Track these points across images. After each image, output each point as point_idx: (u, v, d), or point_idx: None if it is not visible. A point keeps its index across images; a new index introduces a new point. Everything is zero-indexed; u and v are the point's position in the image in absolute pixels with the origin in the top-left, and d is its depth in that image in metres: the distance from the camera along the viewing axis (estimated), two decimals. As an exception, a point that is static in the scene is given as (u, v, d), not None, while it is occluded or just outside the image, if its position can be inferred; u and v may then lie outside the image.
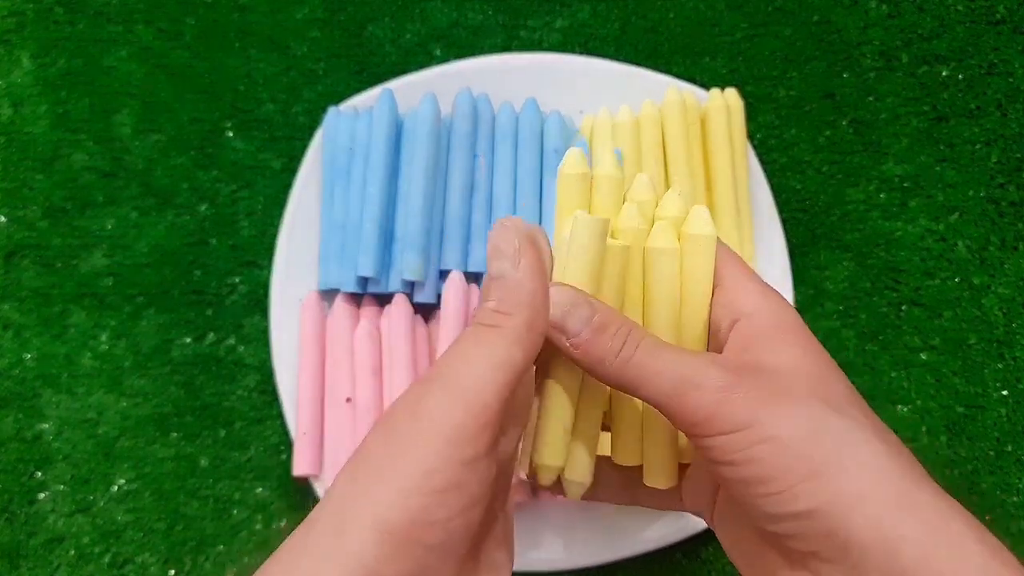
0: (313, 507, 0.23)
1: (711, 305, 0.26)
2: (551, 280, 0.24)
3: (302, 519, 0.23)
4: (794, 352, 0.24)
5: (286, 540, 0.22)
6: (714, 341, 0.26)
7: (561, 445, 0.25)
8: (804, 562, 0.22)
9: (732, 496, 0.24)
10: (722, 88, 0.48)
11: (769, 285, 0.27)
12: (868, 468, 0.21)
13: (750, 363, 0.24)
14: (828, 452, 0.22)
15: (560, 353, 0.24)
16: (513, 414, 0.23)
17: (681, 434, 0.27)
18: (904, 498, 0.21)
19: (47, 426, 0.49)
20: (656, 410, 0.24)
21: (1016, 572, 0.20)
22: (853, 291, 0.51)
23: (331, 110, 0.48)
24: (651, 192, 0.27)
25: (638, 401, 0.27)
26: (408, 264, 0.44)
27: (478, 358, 0.21)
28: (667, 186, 0.47)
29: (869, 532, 0.20)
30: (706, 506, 0.28)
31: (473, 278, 0.46)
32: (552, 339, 0.23)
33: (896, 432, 0.50)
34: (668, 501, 0.29)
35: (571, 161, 0.26)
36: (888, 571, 0.20)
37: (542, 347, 0.23)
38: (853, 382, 0.49)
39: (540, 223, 0.46)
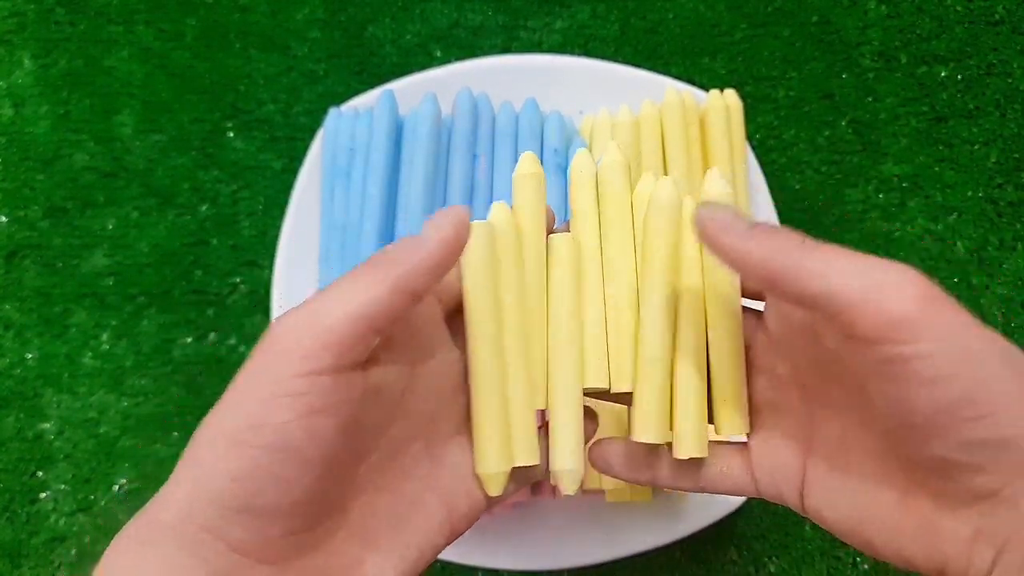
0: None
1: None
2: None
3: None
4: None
5: None
6: None
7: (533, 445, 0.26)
8: (977, 503, 0.21)
9: (906, 427, 0.21)
10: (721, 89, 0.48)
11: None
12: None
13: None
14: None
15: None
16: (392, 349, 0.24)
17: (719, 409, 0.26)
18: None
19: (48, 426, 0.49)
20: (693, 376, 0.24)
21: None
22: (852, 291, 0.51)
23: (332, 111, 0.48)
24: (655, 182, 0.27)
25: (668, 371, 0.26)
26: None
27: (342, 289, 0.22)
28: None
29: None
30: (791, 486, 0.25)
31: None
32: (721, 247, 0.23)
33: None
34: (692, 479, 0.27)
35: (526, 162, 0.27)
36: None
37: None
38: (852, 382, 0.49)
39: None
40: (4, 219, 0.51)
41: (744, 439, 0.27)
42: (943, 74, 0.54)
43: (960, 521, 0.21)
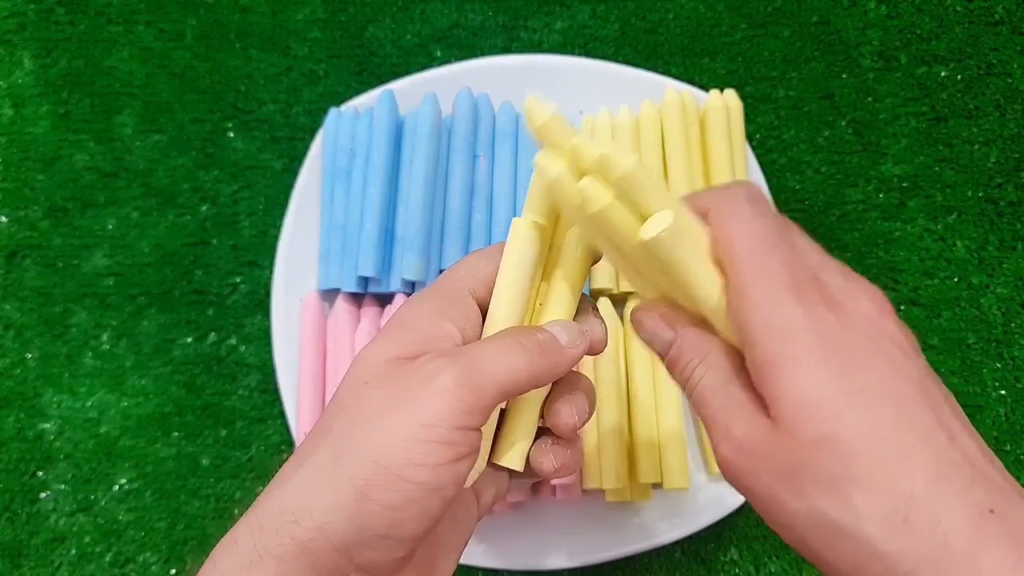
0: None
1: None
2: None
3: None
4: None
5: (283, 467, 0.25)
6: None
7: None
8: None
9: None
10: (721, 89, 0.48)
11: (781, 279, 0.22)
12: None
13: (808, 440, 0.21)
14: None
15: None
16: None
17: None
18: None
19: (49, 426, 0.49)
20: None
21: None
22: (852, 291, 0.51)
23: (332, 111, 0.48)
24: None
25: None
26: (408, 264, 0.44)
27: (503, 362, 0.25)
28: (666, 187, 0.47)
29: None
30: None
31: (473, 278, 0.46)
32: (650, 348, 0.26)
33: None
34: None
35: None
36: None
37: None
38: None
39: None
40: (4, 219, 0.51)
41: None
42: (943, 74, 0.54)
43: None
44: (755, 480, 0.22)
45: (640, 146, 0.47)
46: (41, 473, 0.48)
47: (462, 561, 0.45)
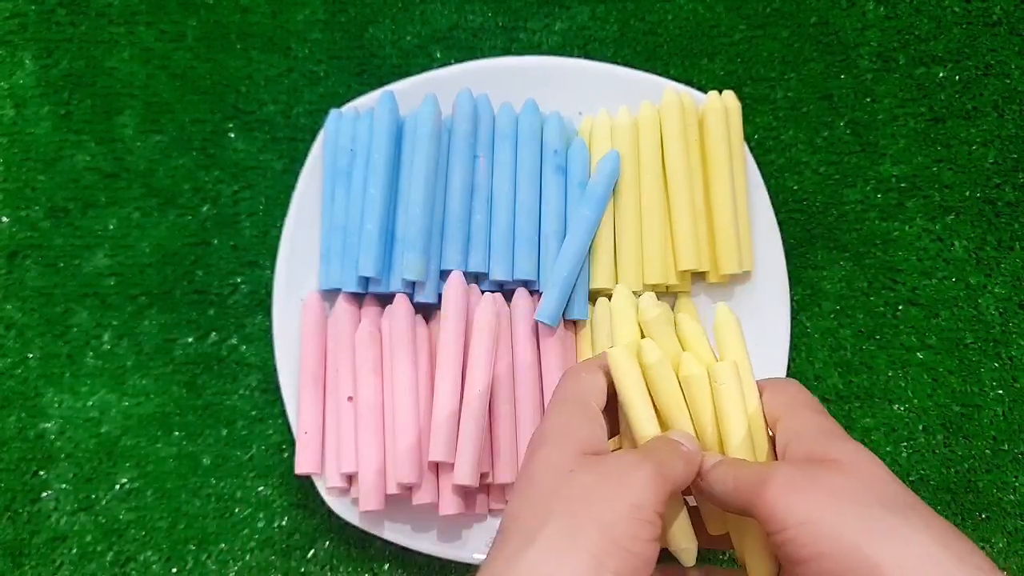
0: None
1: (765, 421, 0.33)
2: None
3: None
4: (848, 449, 0.29)
5: (497, 545, 0.29)
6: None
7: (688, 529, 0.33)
8: None
9: None
10: (720, 90, 0.49)
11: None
12: (922, 562, 0.25)
13: (814, 459, 0.29)
14: (885, 551, 0.25)
15: None
16: None
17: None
18: None
19: (50, 425, 0.49)
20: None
21: None
22: (850, 291, 0.51)
23: (332, 112, 0.48)
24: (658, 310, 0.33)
25: None
26: (409, 264, 0.44)
27: (673, 463, 0.30)
28: (666, 187, 0.47)
29: None
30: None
31: (473, 278, 0.47)
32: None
33: (893, 431, 0.50)
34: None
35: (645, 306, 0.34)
36: None
37: None
38: (850, 381, 0.50)
39: (539, 221, 0.46)
40: (6, 219, 0.51)
41: None
42: (941, 75, 0.54)
43: None
44: None
45: (639, 147, 0.47)
46: (42, 472, 0.49)
47: (462, 559, 0.45)
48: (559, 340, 0.45)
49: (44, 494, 0.48)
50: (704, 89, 0.50)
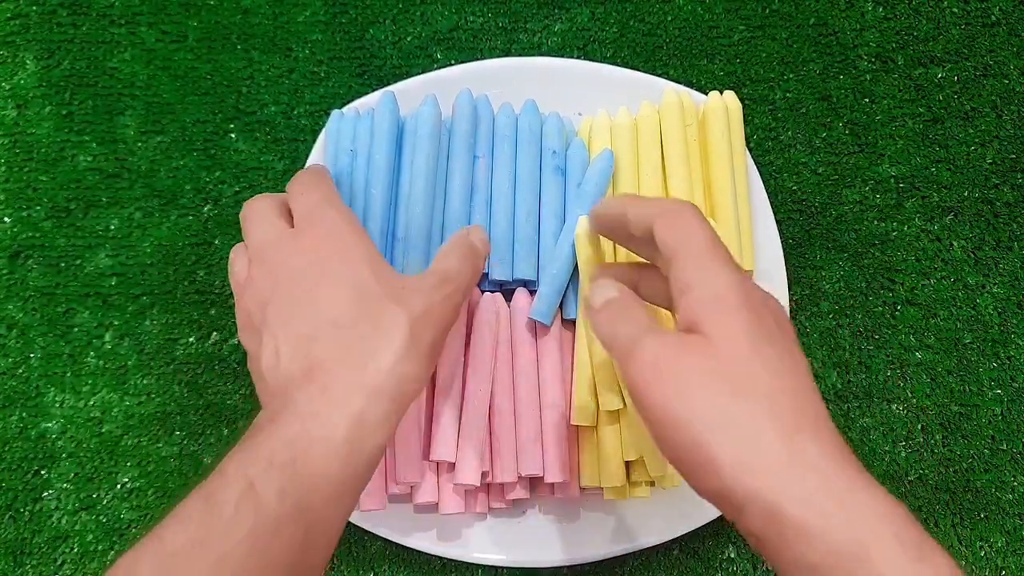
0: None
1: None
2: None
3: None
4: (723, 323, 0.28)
5: (257, 419, 0.32)
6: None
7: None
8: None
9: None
10: (720, 91, 0.49)
11: (723, 259, 0.30)
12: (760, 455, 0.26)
13: (690, 328, 0.29)
14: (724, 444, 0.26)
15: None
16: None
17: None
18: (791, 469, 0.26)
19: (52, 425, 0.49)
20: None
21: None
22: (849, 291, 0.51)
23: (333, 112, 0.48)
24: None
25: None
26: (410, 265, 0.45)
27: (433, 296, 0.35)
28: (666, 188, 0.47)
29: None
30: None
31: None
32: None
33: (891, 431, 0.50)
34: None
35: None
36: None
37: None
38: (849, 381, 0.50)
39: (539, 222, 0.47)
40: (8, 220, 0.51)
41: None
42: (939, 75, 0.54)
43: None
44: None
45: (639, 148, 0.47)
46: (44, 472, 0.49)
47: (462, 559, 0.45)
48: (555, 339, 0.46)
49: (46, 493, 0.49)
50: (703, 90, 0.50)
